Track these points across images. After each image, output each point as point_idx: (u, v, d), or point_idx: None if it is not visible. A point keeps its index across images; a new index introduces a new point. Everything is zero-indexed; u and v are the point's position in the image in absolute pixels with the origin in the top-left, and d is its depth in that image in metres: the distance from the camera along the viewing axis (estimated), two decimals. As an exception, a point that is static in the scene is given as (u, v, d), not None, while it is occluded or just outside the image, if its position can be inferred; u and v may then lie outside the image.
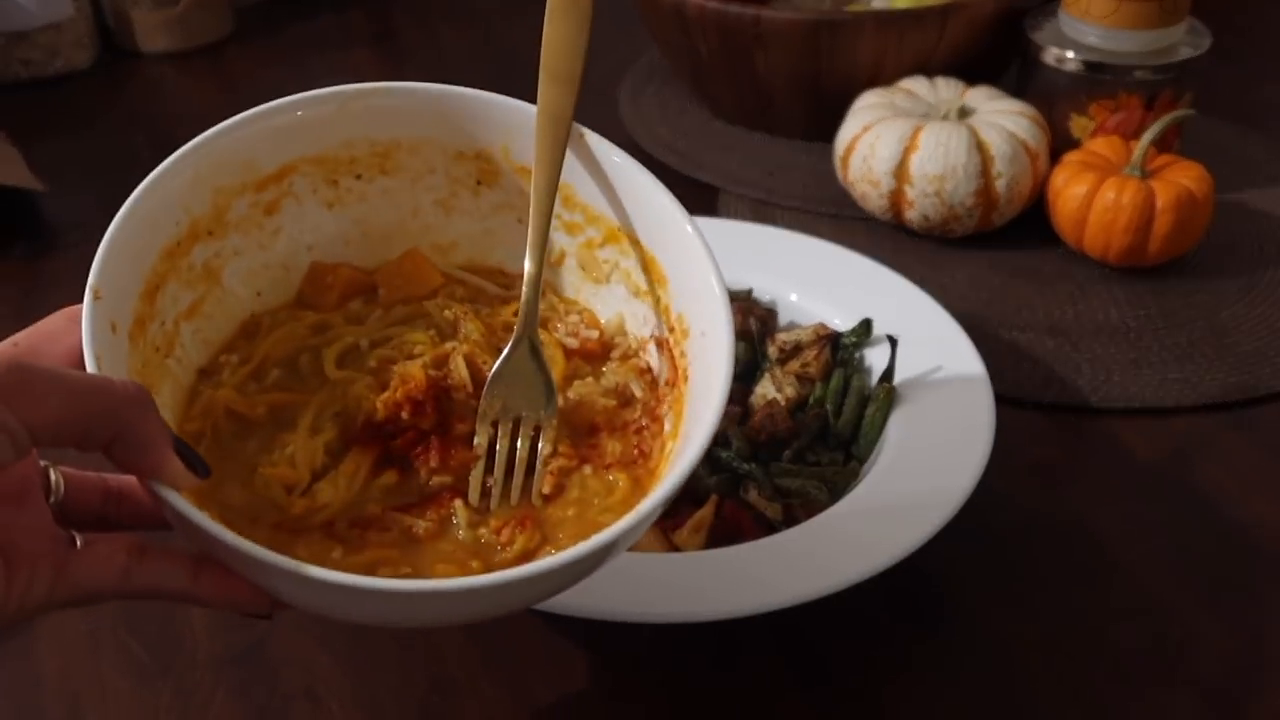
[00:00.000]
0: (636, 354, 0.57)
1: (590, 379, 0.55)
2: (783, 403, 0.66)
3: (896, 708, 0.55)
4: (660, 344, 0.55)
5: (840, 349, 0.70)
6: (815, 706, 0.55)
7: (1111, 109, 0.87)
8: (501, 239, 0.59)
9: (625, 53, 1.19)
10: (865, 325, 0.70)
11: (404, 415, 0.51)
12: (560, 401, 0.53)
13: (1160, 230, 0.79)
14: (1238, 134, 1.01)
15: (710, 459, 0.64)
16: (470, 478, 0.50)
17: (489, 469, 0.51)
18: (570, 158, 0.55)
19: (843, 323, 0.71)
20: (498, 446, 0.51)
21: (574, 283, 0.59)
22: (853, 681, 0.56)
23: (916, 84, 0.91)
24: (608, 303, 0.58)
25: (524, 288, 0.53)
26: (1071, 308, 0.80)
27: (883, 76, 0.94)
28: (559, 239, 0.58)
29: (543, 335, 0.55)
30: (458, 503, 0.50)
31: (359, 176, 0.58)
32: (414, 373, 0.52)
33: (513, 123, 0.56)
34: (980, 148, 0.83)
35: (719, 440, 0.64)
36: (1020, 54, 0.92)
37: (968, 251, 0.86)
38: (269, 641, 0.58)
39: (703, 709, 0.55)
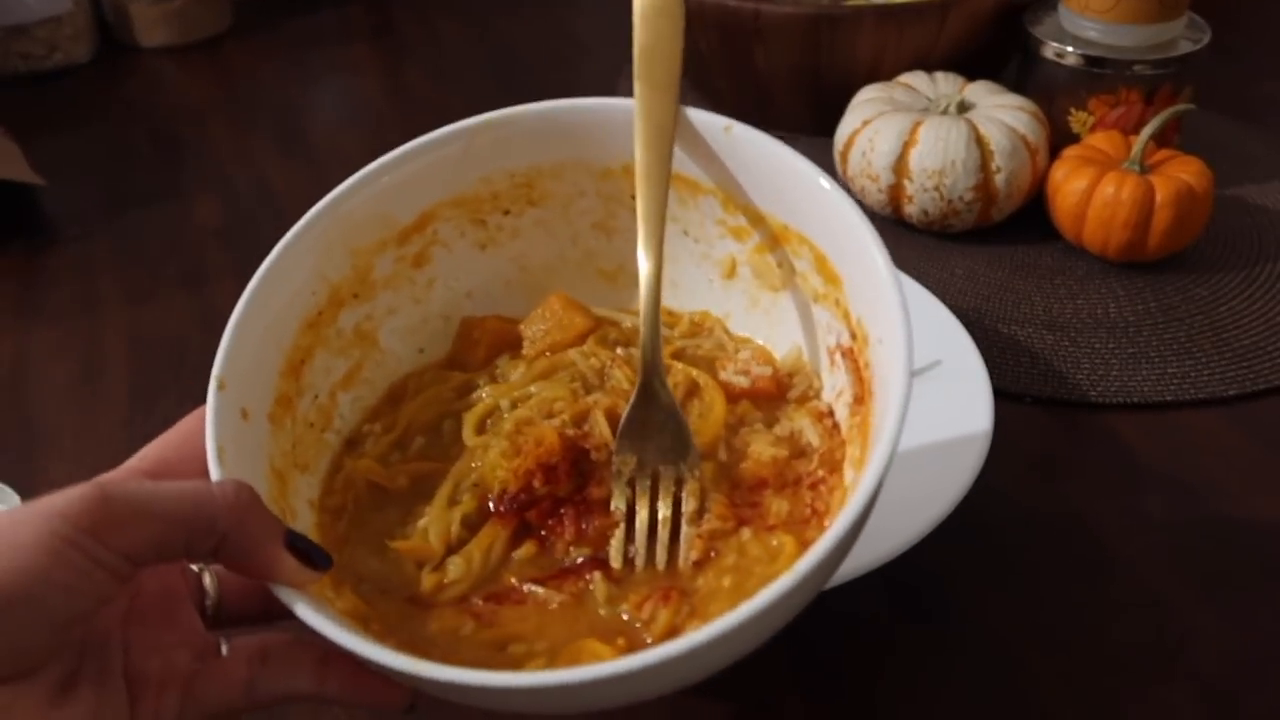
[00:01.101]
0: (817, 395, 0.51)
1: (760, 426, 0.50)
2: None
3: (894, 702, 0.55)
4: (846, 354, 0.49)
5: (839, 344, 0.70)
6: (813, 701, 0.55)
7: (1111, 104, 0.87)
8: (670, 253, 0.54)
9: (624, 48, 1.19)
10: (864, 320, 0.70)
11: (537, 484, 0.47)
12: (722, 455, 0.49)
13: (1159, 225, 0.79)
14: (1237, 129, 1.01)
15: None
16: (610, 546, 0.46)
17: (630, 535, 0.46)
18: (725, 154, 0.51)
19: (842, 318, 0.71)
20: (637, 508, 0.47)
21: (749, 298, 0.54)
22: (850, 675, 0.56)
23: (916, 79, 0.91)
24: (784, 325, 0.53)
25: (641, 327, 0.49)
26: (1070, 303, 0.80)
27: (882, 71, 0.94)
28: (728, 246, 0.54)
29: (703, 377, 0.51)
30: (597, 575, 0.45)
31: (507, 212, 0.55)
32: (546, 436, 0.48)
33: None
34: (979, 142, 0.83)
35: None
36: (1020, 49, 0.92)
37: (967, 246, 0.86)
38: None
39: (700, 703, 0.55)
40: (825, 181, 0.47)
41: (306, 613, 0.39)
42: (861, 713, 0.54)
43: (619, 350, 0.54)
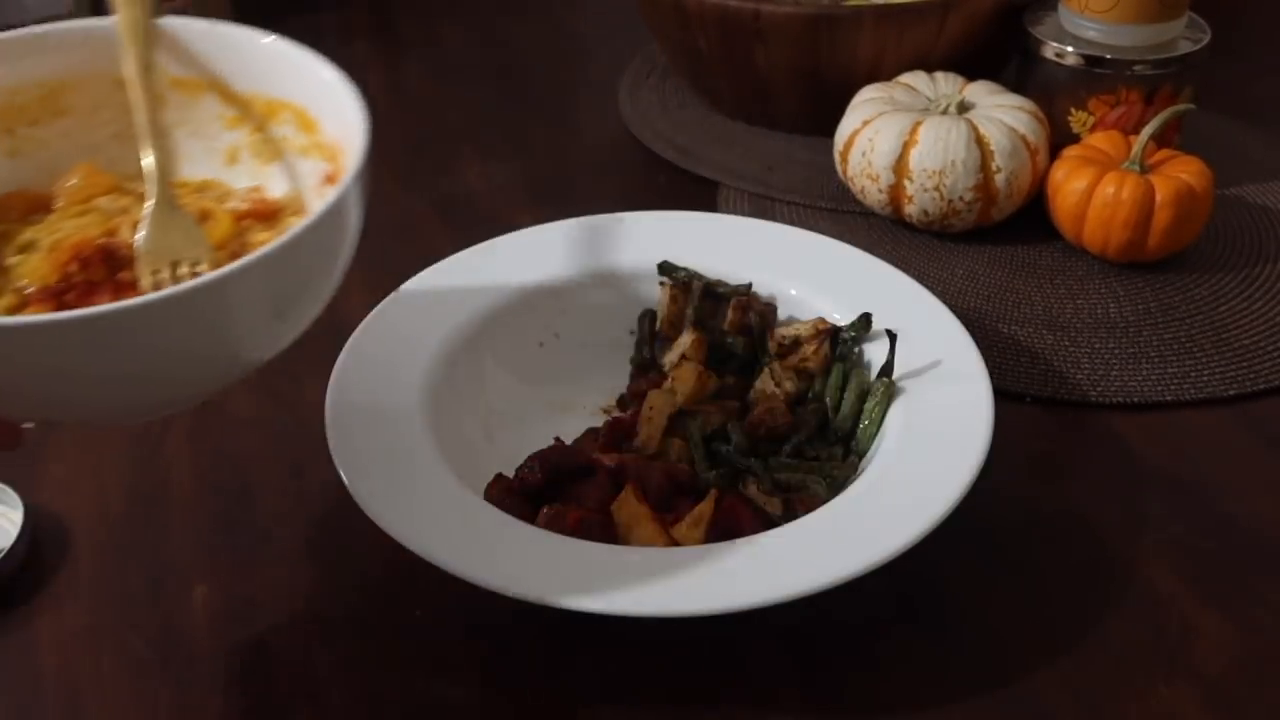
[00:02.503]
0: (310, 209, 0.59)
1: (261, 229, 0.58)
2: (782, 397, 0.66)
3: (894, 701, 0.55)
4: (330, 179, 0.58)
5: (839, 343, 0.70)
6: (814, 700, 0.55)
7: (1111, 104, 0.87)
8: (185, 155, 0.62)
9: (624, 48, 1.19)
10: (864, 320, 0.70)
11: (74, 270, 0.53)
12: (234, 248, 0.56)
13: (1159, 225, 0.79)
14: (1237, 129, 1.01)
15: (710, 454, 0.64)
16: None
17: None
18: (215, 53, 0.60)
19: (842, 317, 0.71)
20: (161, 282, 0.53)
21: (251, 177, 0.62)
22: (850, 675, 0.56)
23: (916, 79, 0.91)
24: (279, 181, 0.61)
25: (151, 151, 0.56)
26: (1070, 302, 0.80)
27: (882, 71, 0.94)
28: (229, 138, 0.62)
29: (212, 205, 0.58)
30: None
31: (35, 123, 0.60)
32: (80, 235, 0.55)
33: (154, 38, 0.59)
34: (979, 142, 0.83)
35: (719, 435, 0.65)
36: (1020, 49, 0.92)
37: (967, 246, 0.86)
38: (270, 638, 0.58)
39: (702, 703, 0.55)
40: (287, 45, 0.59)
41: None
42: (861, 713, 0.55)
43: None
